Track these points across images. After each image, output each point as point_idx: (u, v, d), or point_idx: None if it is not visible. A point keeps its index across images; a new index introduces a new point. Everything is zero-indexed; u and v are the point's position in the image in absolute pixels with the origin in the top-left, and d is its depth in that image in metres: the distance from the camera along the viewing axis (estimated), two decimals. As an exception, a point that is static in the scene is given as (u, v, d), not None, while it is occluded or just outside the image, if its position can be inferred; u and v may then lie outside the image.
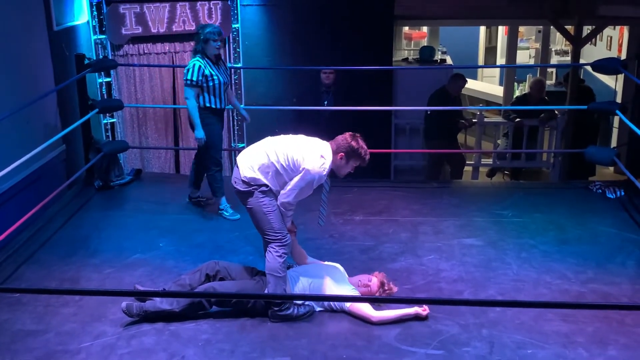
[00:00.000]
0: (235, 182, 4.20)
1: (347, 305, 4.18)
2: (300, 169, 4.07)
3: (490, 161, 9.24)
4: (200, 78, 5.49)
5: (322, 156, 4.09)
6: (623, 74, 6.57)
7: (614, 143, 9.91)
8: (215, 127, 5.74)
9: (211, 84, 5.55)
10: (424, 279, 4.71)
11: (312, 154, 4.10)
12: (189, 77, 5.49)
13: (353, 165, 4.20)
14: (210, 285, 4.21)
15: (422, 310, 4.14)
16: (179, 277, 4.36)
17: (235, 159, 8.09)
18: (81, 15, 7.17)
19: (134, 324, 4.10)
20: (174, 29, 7.48)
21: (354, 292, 4.29)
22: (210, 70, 5.54)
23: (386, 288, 4.32)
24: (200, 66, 5.50)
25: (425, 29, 12.82)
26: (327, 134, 6.96)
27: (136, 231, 5.52)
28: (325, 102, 7.45)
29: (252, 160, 4.15)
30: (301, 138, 4.26)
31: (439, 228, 5.55)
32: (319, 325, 4.11)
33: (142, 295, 4.17)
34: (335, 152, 4.13)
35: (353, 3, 8.23)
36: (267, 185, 4.13)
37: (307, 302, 4.24)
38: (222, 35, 5.67)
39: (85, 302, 4.33)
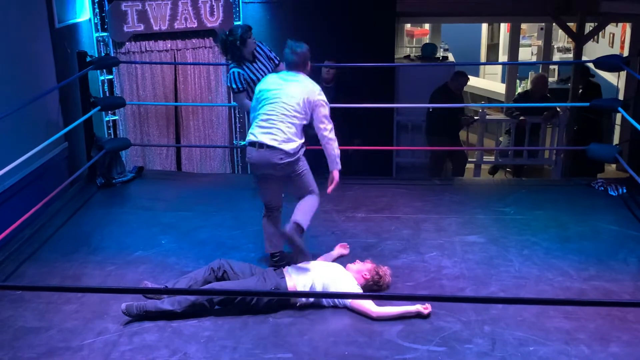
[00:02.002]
0: (282, 159, 4.44)
1: (349, 299, 4.19)
2: (314, 102, 4.49)
3: (492, 158, 9.24)
4: (243, 84, 5.54)
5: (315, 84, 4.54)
6: (625, 71, 6.56)
7: (616, 140, 9.91)
8: None
9: (253, 86, 5.41)
10: (426, 276, 4.71)
11: (311, 86, 4.53)
12: (233, 86, 5.54)
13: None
14: (211, 287, 4.23)
15: (424, 308, 4.14)
16: (187, 275, 4.40)
17: (236, 157, 8.14)
18: (83, 12, 7.17)
19: (136, 321, 4.10)
20: (176, 27, 7.48)
21: (357, 288, 4.30)
22: (250, 75, 5.54)
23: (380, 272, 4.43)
24: (239, 72, 5.51)
25: (427, 26, 12.81)
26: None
27: (138, 228, 5.52)
28: (325, 98, 7.44)
29: (283, 134, 4.45)
30: (286, 89, 4.53)
31: (441, 225, 5.55)
32: (321, 322, 4.11)
33: (144, 293, 4.18)
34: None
35: (355, 0, 8.23)
36: (302, 144, 4.54)
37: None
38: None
39: (87, 299, 4.33)
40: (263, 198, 4.77)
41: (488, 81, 13.35)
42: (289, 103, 4.46)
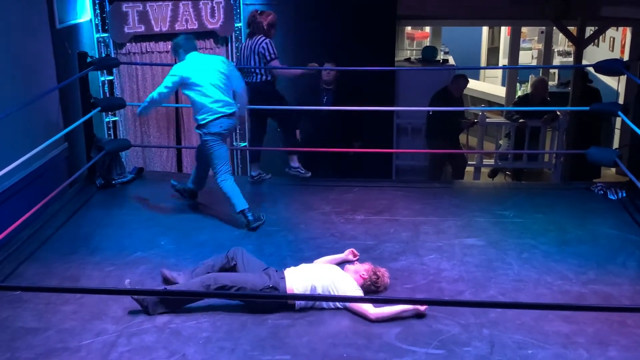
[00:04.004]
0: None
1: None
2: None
3: (492, 162, 9.24)
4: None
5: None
6: (625, 75, 6.57)
7: (616, 144, 9.91)
8: None
9: None
10: (425, 278, 4.71)
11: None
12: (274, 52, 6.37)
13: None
14: (212, 276, 4.27)
15: (421, 306, 4.14)
16: (206, 262, 4.56)
17: (236, 159, 8.15)
18: (84, 13, 7.18)
19: (135, 321, 4.10)
20: (177, 28, 7.48)
21: (358, 288, 4.30)
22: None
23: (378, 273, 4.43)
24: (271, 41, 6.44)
25: (427, 29, 12.84)
26: (327, 132, 7.01)
27: (137, 229, 5.52)
28: (324, 100, 7.45)
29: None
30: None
31: (440, 228, 5.55)
32: (320, 324, 4.11)
33: (140, 294, 4.19)
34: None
35: (356, 3, 8.23)
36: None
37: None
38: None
39: (85, 299, 4.33)
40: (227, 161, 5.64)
41: (488, 84, 13.35)
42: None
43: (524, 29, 12.28)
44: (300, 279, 4.29)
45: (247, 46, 6.46)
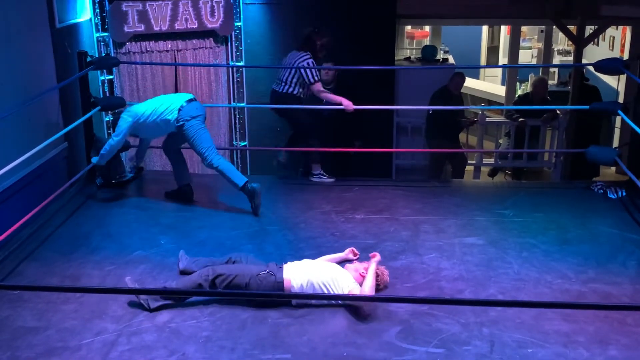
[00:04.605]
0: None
1: (346, 292, 4.21)
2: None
3: (491, 161, 9.25)
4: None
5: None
6: (625, 74, 6.57)
7: (615, 143, 9.92)
8: None
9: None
10: (425, 277, 4.71)
11: None
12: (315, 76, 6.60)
13: None
14: (210, 267, 4.30)
15: (372, 256, 4.38)
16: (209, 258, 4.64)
17: (236, 158, 8.15)
18: (83, 12, 7.17)
19: (135, 321, 4.10)
20: (177, 27, 7.48)
21: (357, 286, 4.29)
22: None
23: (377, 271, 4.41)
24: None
25: (427, 28, 12.84)
26: (327, 132, 6.99)
27: (137, 228, 5.52)
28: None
29: None
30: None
31: (440, 227, 5.55)
32: (320, 323, 4.11)
33: (142, 293, 4.20)
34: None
35: (355, 2, 8.23)
36: None
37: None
38: None
39: (86, 299, 4.33)
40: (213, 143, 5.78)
41: (488, 83, 13.35)
42: None
43: (523, 28, 12.29)
44: (299, 273, 4.29)
45: (293, 55, 6.66)
